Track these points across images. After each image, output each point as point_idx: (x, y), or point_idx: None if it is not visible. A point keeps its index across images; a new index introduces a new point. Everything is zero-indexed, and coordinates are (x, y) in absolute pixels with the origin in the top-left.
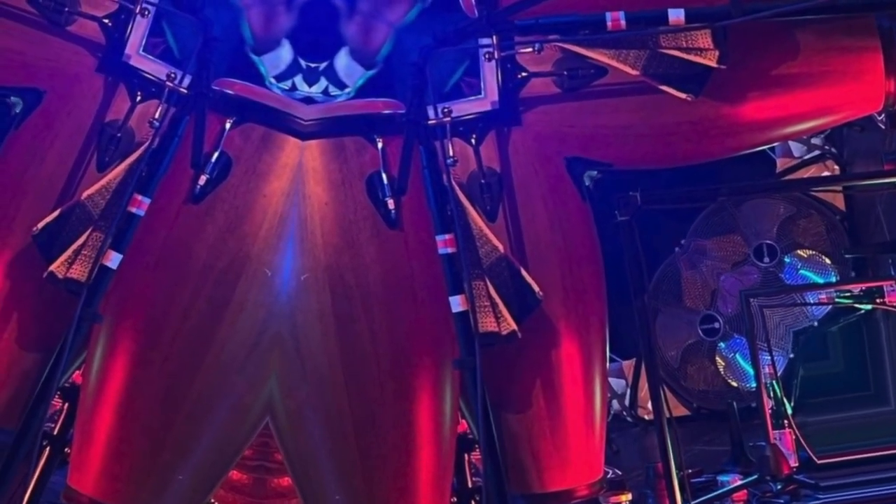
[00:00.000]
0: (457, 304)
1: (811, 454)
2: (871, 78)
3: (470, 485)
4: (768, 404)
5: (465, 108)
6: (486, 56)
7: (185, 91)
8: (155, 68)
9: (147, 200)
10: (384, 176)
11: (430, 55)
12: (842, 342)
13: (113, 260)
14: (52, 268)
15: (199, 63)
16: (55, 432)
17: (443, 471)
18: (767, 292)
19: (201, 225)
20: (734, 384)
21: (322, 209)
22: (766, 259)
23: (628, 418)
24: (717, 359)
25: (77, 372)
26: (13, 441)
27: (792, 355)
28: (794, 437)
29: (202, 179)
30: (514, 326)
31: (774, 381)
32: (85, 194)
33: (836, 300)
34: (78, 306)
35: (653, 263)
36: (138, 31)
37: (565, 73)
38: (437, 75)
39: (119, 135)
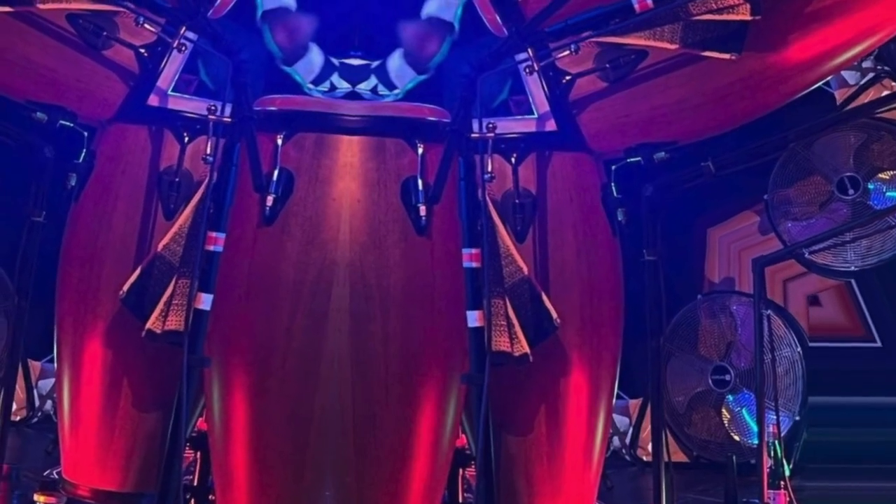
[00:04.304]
0: (473, 319)
1: None
2: None
3: (460, 500)
4: (767, 463)
5: (510, 126)
6: (527, 70)
7: (229, 120)
8: (194, 105)
9: (222, 235)
10: (420, 182)
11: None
12: None
13: (205, 302)
14: (148, 325)
15: (236, 89)
16: (195, 483)
17: (435, 482)
18: (776, 255)
19: (280, 244)
20: (737, 438)
21: (353, 205)
22: (851, 191)
23: (627, 457)
24: (724, 410)
25: (200, 419)
26: (157, 503)
27: (798, 418)
28: (788, 499)
29: (270, 200)
30: (526, 349)
31: (776, 441)
32: (160, 245)
33: None
34: (184, 355)
35: (673, 307)
36: (173, 65)
37: (607, 65)
38: (486, 91)
39: (177, 179)
